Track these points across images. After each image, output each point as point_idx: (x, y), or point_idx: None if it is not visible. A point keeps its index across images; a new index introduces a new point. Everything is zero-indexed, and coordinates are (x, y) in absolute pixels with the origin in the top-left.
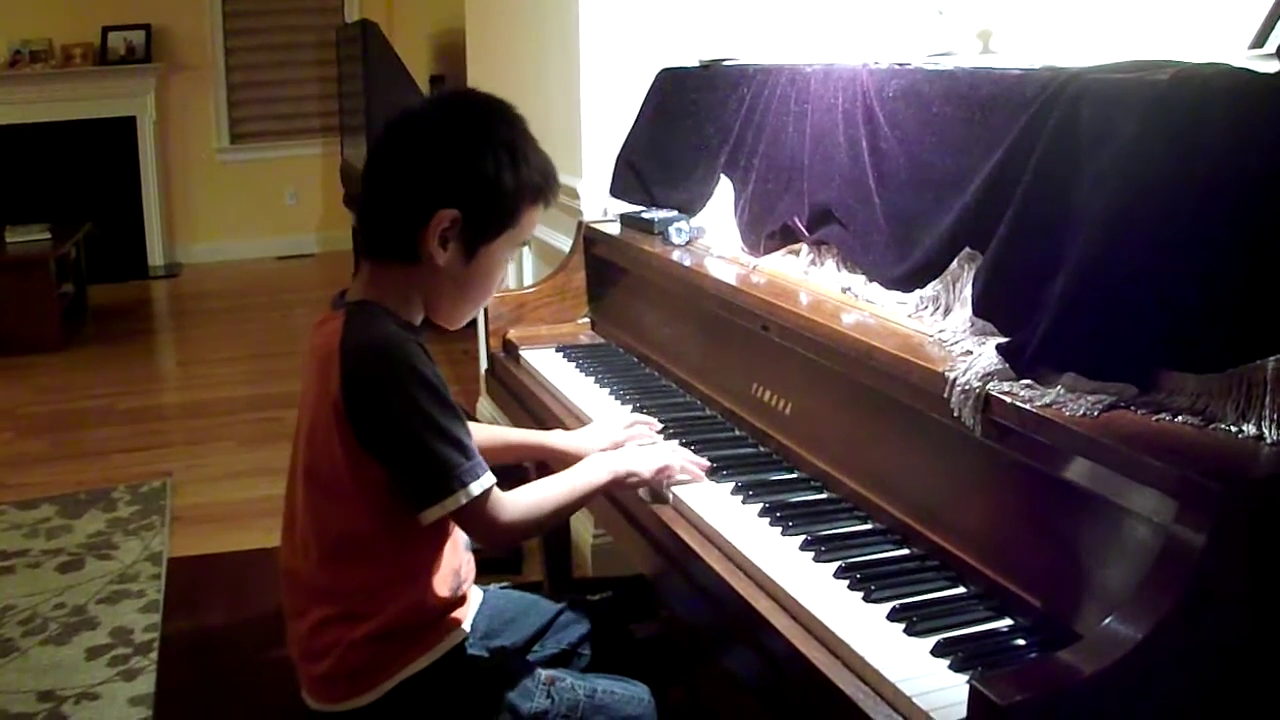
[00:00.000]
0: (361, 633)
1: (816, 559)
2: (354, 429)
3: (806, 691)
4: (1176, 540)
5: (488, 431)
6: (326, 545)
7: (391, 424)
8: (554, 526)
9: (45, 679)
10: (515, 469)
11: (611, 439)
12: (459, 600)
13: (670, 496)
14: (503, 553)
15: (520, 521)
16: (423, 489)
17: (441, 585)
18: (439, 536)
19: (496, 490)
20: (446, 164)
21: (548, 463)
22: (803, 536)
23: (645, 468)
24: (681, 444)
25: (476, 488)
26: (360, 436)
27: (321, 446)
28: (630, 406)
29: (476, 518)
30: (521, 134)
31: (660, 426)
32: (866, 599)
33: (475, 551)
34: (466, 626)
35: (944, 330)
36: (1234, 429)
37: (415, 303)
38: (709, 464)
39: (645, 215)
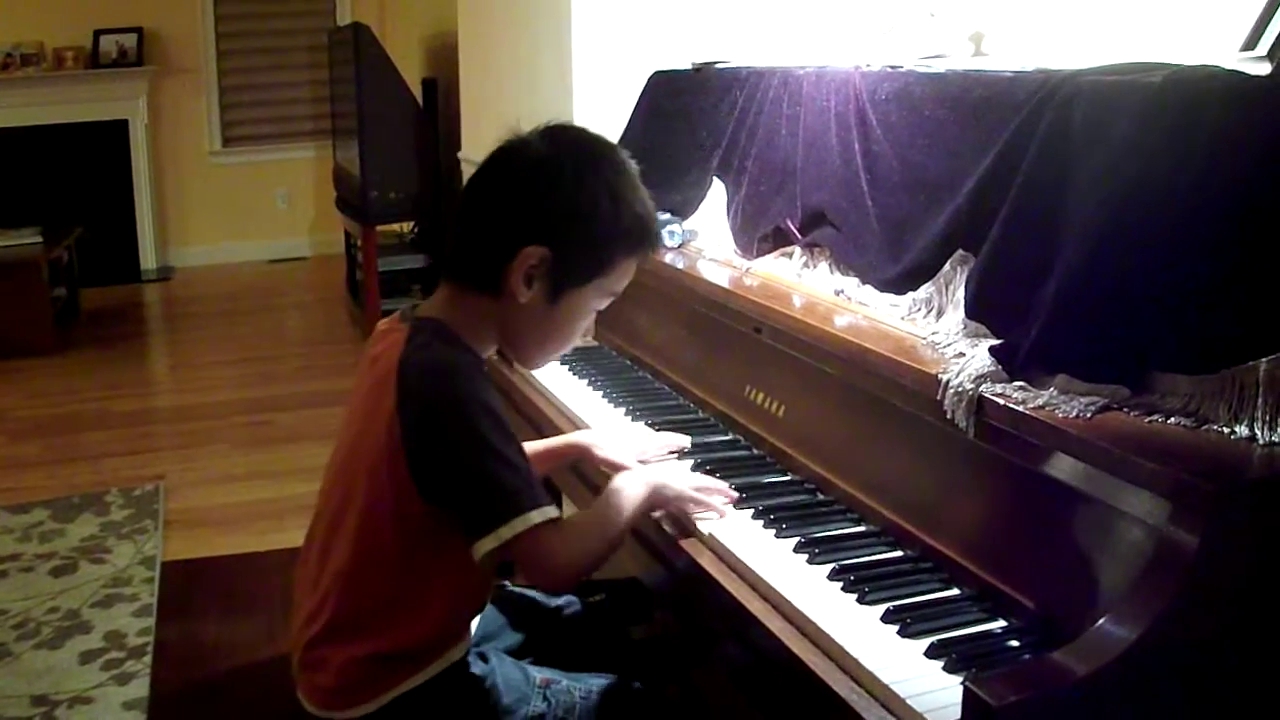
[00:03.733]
0: (364, 651)
1: (810, 561)
2: (406, 453)
3: (801, 693)
4: (1170, 541)
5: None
6: (342, 562)
7: (449, 450)
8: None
9: (39, 683)
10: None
11: (642, 456)
12: (467, 623)
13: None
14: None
15: (580, 555)
16: (479, 517)
17: (454, 613)
18: (458, 571)
19: (561, 522)
20: (542, 198)
21: (581, 463)
22: (796, 539)
23: (682, 484)
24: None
25: (537, 515)
26: (412, 461)
27: (364, 463)
28: (623, 409)
29: (534, 548)
30: (626, 179)
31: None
32: (860, 601)
33: None
34: (469, 641)
35: (937, 332)
36: (1227, 430)
37: (488, 336)
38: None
39: None
